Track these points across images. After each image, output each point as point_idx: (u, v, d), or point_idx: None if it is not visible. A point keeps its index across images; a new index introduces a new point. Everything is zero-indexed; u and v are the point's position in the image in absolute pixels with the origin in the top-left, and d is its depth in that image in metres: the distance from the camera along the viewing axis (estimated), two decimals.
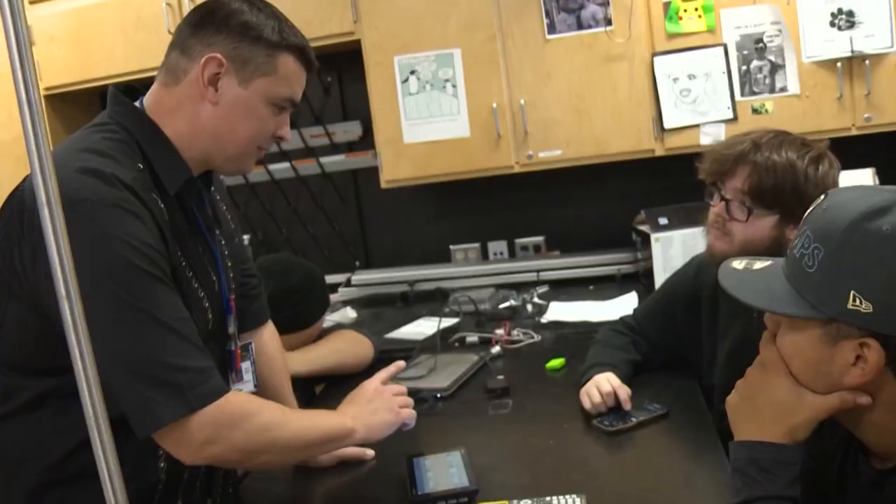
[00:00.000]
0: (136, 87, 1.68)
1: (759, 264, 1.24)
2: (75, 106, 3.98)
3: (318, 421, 1.72)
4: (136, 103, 1.62)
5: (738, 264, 1.27)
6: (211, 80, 1.57)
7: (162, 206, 1.54)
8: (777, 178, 1.96)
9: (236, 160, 1.68)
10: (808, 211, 1.18)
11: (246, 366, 1.84)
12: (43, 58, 3.80)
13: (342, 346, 2.68)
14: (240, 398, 1.57)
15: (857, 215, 1.08)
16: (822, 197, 1.17)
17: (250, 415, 1.54)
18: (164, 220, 1.53)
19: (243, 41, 1.56)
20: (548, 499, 1.65)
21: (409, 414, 1.86)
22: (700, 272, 2.35)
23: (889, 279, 1.05)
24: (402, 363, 2.01)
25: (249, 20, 1.57)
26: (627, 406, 2.11)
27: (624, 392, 2.13)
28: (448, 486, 1.74)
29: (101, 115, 1.61)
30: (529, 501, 1.66)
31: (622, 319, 2.54)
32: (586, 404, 2.13)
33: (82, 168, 1.43)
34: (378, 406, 1.81)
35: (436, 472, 1.81)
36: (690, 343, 2.36)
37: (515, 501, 1.66)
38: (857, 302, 1.07)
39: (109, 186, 1.43)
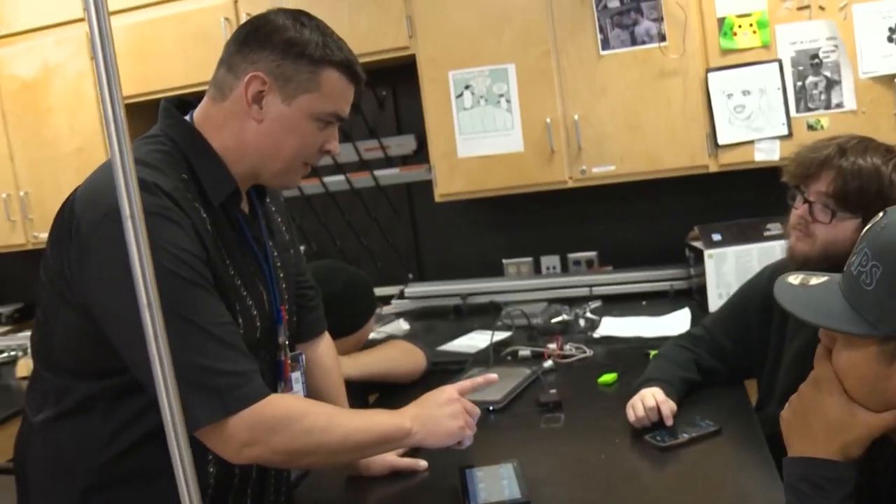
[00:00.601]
0: (188, 101, 1.72)
1: (815, 280, 1.25)
2: (135, 118, 4.01)
3: (372, 422, 1.70)
4: (187, 117, 1.66)
5: (794, 280, 1.27)
6: (255, 98, 1.60)
7: (204, 215, 1.57)
8: (862, 182, 1.99)
9: (282, 176, 1.70)
10: (866, 228, 1.18)
11: (296, 376, 1.86)
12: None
13: (394, 354, 2.72)
14: (284, 401, 1.60)
15: None
16: (881, 215, 1.17)
17: (293, 419, 1.56)
18: (206, 229, 1.56)
19: (286, 58, 1.59)
20: None
21: (470, 436, 1.81)
22: (773, 279, 2.35)
23: None
24: (494, 377, 1.99)
25: (293, 37, 1.59)
26: (669, 422, 2.12)
27: (667, 408, 2.14)
28: (500, 497, 1.75)
29: (153, 128, 1.66)
30: None
31: (689, 332, 2.55)
32: (630, 417, 2.15)
33: None
34: (446, 413, 1.77)
35: (488, 483, 1.82)
36: (759, 351, 2.37)
37: None
38: None
39: (150, 195, 1.46)
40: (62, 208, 1.57)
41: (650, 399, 2.16)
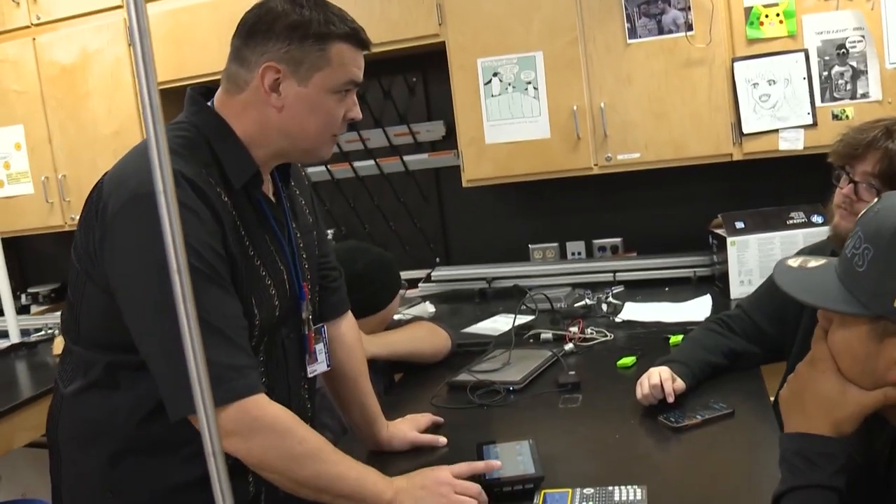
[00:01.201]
0: (215, 89, 1.75)
1: (813, 262, 1.30)
2: (170, 102, 4.08)
3: (354, 476, 1.66)
4: (210, 104, 1.71)
5: (794, 262, 1.32)
6: (272, 87, 1.64)
7: (226, 199, 1.63)
8: None
9: (313, 152, 1.76)
10: (862, 213, 1.23)
11: (319, 347, 1.93)
12: None
13: (420, 334, 2.78)
14: (273, 408, 1.60)
15: None
16: (877, 199, 1.22)
17: (275, 429, 1.58)
18: (229, 212, 1.62)
19: (293, 43, 1.62)
20: (609, 488, 1.72)
21: None
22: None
23: None
24: (497, 463, 1.84)
25: (295, 20, 1.62)
26: (671, 399, 2.18)
27: (669, 385, 2.20)
28: (515, 472, 1.81)
29: (178, 116, 1.71)
30: (592, 490, 1.73)
31: (723, 315, 2.59)
32: (637, 395, 2.22)
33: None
34: (431, 498, 1.69)
35: (504, 459, 1.88)
36: (792, 326, 2.40)
37: (578, 490, 1.74)
38: None
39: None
40: (92, 191, 1.64)
41: (655, 377, 2.22)
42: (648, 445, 2.07)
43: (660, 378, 2.21)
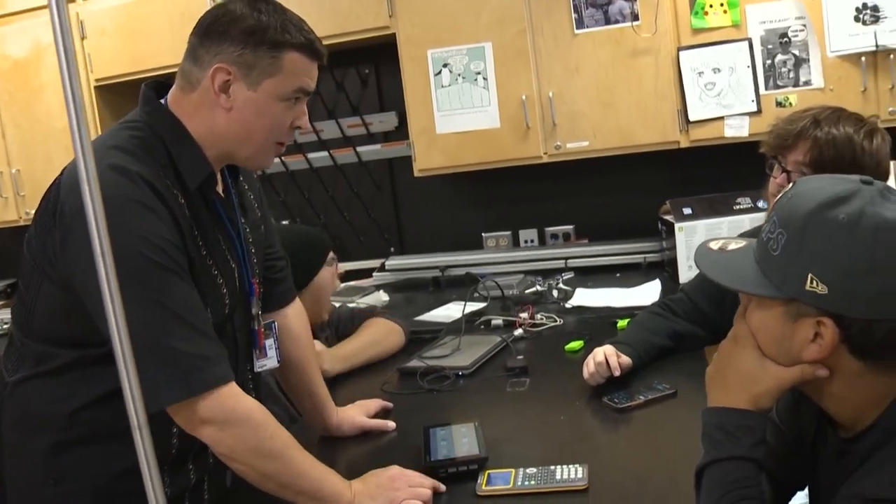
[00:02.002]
0: (169, 84, 1.76)
1: (733, 245, 1.34)
2: (124, 97, 4.13)
3: (317, 475, 1.69)
4: (163, 100, 1.72)
5: (715, 245, 1.36)
6: (222, 88, 1.65)
7: (182, 201, 1.65)
8: (837, 151, 2.08)
9: (256, 158, 1.77)
10: (777, 198, 1.27)
11: (269, 343, 1.95)
12: (94, 51, 4.00)
13: (376, 337, 2.80)
14: (248, 401, 1.64)
15: (817, 204, 1.17)
16: (791, 185, 1.27)
17: (249, 422, 1.61)
18: (184, 213, 1.64)
19: (247, 47, 1.63)
20: (552, 468, 1.76)
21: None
22: None
23: (842, 264, 1.14)
24: (441, 487, 1.78)
25: (251, 25, 1.63)
26: (617, 372, 2.24)
27: (614, 360, 2.26)
28: (459, 453, 1.85)
29: (132, 113, 1.72)
30: (534, 469, 1.77)
31: (667, 299, 2.64)
32: (584, 375, 2.27)
33: (110, 165, 1.54)
34: (385, 497, 1.71)
35: (449, 441, 1.92)
36: (732, 307, 2.44)
37: (521, 469, 1.78)
38: (815, 284, 1.16)
39: (132, 183, 1.55)
40: (49, 190, 1.64)
41: (600, 355, 2.27)
42: (592, 426, 2.11)
43: (604, 355, 2.26)
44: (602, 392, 2.22)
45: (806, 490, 1.56)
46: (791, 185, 1.27)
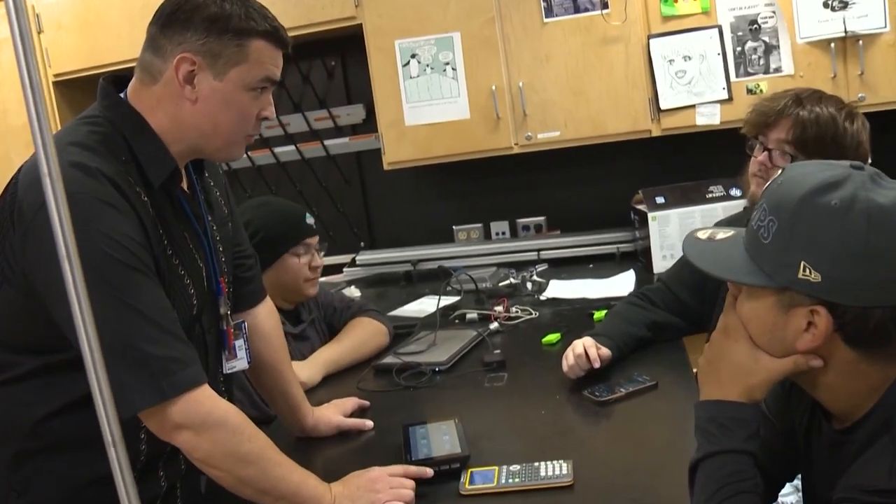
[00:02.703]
0: (127, 77, 1.69)
1: (721, 234, 1.31)
2: (83, 92, 4.04)
3: (297, 478, 1.65)
4: (123, 95, 1.65)
5: (703, 234, 1.33)
6: (186, 79, 1.59)
7: (145, 198, 1.59)
8: (820, 129, 2.11)
9: (225, 150, 1.72)
10: (766, 185, 1.24)
11: (239, 343, 1.89)
12: (52, 45, 3.90)
13: (363, 337, 2.73)
14: (223, 404, 1.60)
15: (808, 190, 1.14)
16: (780, 171, 1.23)
17: (226, 425, 1.56)
18: (148, 211, 1.58)
19: (211, 35, 1.58)
20: (536, 464, 1.73)
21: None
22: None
23: (836, 250, 1.12)
24: (428, 472, 1.77)
25: (215, 12, 1.58)
26: (597, 364, 2.21)
27: (594, 351, 2.23)
28: (440, 452, 1.81)
29: (90, 108, 1.65)
30: (518, 467, 1.73)
31: (644, 289, 2.63)
32: (564, 368, 2.24)
33: (70, 162, 1.48)
34: (366, 499, 1.68)
35: (430, 439, 1.88)
36: (711, 296, 2.44)
37: (505, 467, 1.74)
38: (807, 272, 1.13)
39: (93, 180, 1.49)
40: (6, 190, 1.58)
41: (579, 347, 2.25)
42: (574, 420, 2.08)
43: (583, 347, 2.23)
44: (582, 385, 2.19)
45: (796, 481, 1.54)
46: (780, 171, 1.24)
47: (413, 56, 3.61)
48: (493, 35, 3.54)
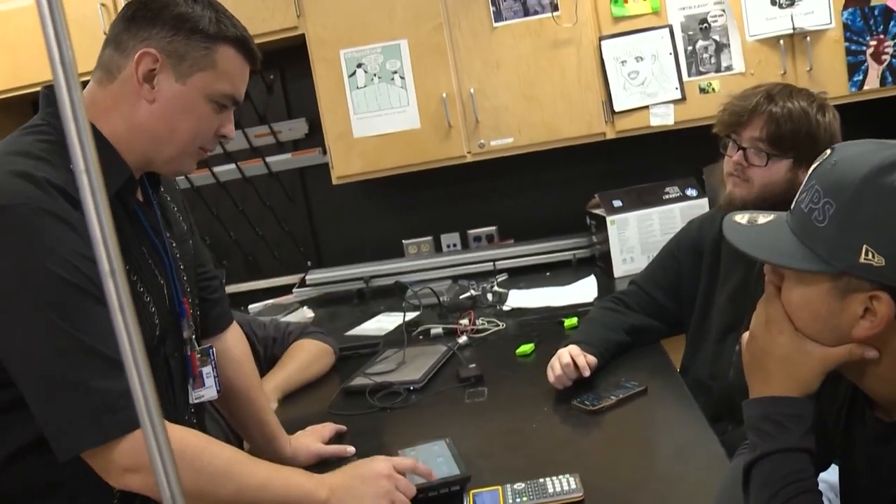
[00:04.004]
0: None
1: (762, 219, 1.24)
2: (7, 114, 3.85)
3: (280, 482, 1.54)
4: None
5: (742, 219, 1.26)
6: (146, 77, 1.49)
7: None
8: (794, 125, 2.09)
9: (176, 161, 1.60)
10: (815, 165, 1.17)
11: (207, 370, 1.75)
12: None
13: (307, 360, 2.62)
14: (178, 432, 1.46)
15: (870, 170, 1.08)
16: (829, 152, 1.17)
17: (185, 455, 1.42)
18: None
19: (179, 34, 1.49)
20: (541, 480, 1.64)
21: None
22: (702, 228, 2.46)
23: None
24: (434, 475, 1.69)
25: (185, 12, 1.50)
26: (586, 372, 2.16)
27: (582, 360, 2.17)
28: (439, 475, 1.70)
29: (34, 118, 1.53)
30: (523, 485, 1.64)
31: (618, 293, 2.58)
32: (550, 378, 2.17)
33: (12, 171, 1.37)
34: (371, 491, 1.58)
35: (423, 461, 1.76)
36: (688, 296, 2.43)
37: (509, 486, 1.64)
38: (870, 256, 1.07)
39: (41, 191, 1.36)
40: None
41: (565, 356, 2.18)
42: (568, 432, 2.00)
43: (570, 356, 2.16)
44: (567, 395, 2.13)
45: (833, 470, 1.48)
46: (829, 151, 1.17)
47: (359, 66, 3.50)
48: (442, 41, 3.46)
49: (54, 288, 1.34)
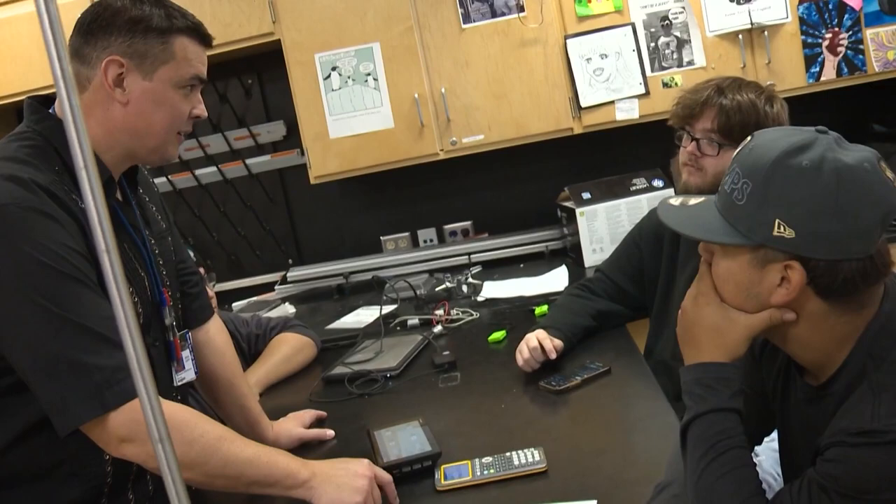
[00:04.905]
0: (53, 98, 1.69)
1: (693, 201, 1.37)
2: None
3: (265, 459, 1.63)
4: (51, 111, 1.65)
5: (675, 202, 1.39)
6: (116, 82, 1.60)
7: (82, 205, 1.56)
8: (743, 116, 2.19)
9: (159, 150, 1.71)
10: (737, 151, 1.30)
11: (186, 354, 1.87)
12: None
13: (288, 353, 2.73)
14: (171, 407, 1.56)
15: (780, 153, 1.21)
16: (749, 138, 1.29)
17: (174, 426, 1.50)
18: (85, 220, 1.56)
19: (135, 36, 1.60)
20: (508, 454, 1.76)
21: None
22: None
23: (808, 207, 1.18)
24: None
25: (136, 15, 1.61)
26: (553, 355, 2.27)
27: (549, 343, 2.29)
28: (412, 452, 1.82)
29: (19, 126, 1.64)
30: (490, 458, 1.76)
31: (584, 280, 2.70)
32: (519, 362, 2.29)
33: (1, 175, 1.47)
34: (350, 485, 1.64)
35: (398, 441, 1.88)
36: (651, 281, 2.53)
37: (477, 460, 1.76)
38: (782, 229, 1.20)
39: (27, 191, 1.47)
40: None
41: (533, 340, 2.30)
42: (535, 411, 2.11)
43: (537, 340, 2.27)
44: (536, 378, 2.24)
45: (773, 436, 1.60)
46: (750, 137, 1.29)
47: (334, 68, 3.61)
48: (413, 43, 3.57)
49: (46, 277, 1.45)
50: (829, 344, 1.27)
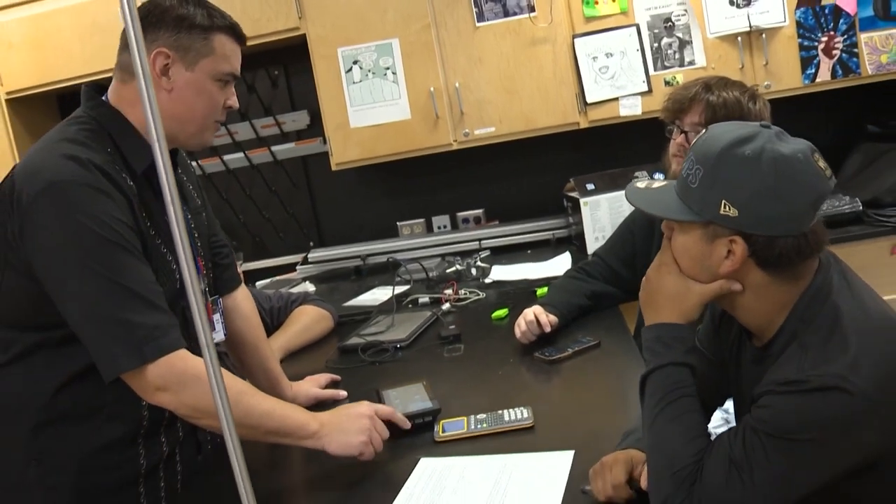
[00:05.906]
0: (105, 86, 1.92)
1: (657, 184, 1.58)
2: (35, 108, 4.19)
3: (280, 412, 1.81)
4: (103, 97, 1.88)
5: (641, 185, 1.59)
6: (162, 71, 1.82)
7: (131, 183, 1.79)
8: (727, 111, 2.34)
9: (198, 135, 1.92)
10: (693, 141, 1.51)
11: (217, 317, 2.12)
12: (3, 63, 4.01)
13: (308, 323, 2.96)
14: (197, 360, 1.71)
15: (727, 143, 1.41)
16: (704, 130, 1.50)
17: (201, 378, 1.66)
18: (134, 194, 1.79)
19: (181, 32, 1.81)
20: (499, 412, 1.98)
21: (371, 452, 1.83)
22: None
23: (749, 191, 1.38)
24: (408, 423, 1.98)
25: (182, 13, 1.82)
26: (547, 328, 2.48)
27: (544, 318, 2.49)
28: (414, 408, 2.03)
29: (76, 111, 1.87)
30: (484, 415, 1.98)
31: (581, 264, 2.90)
32: (517, 334, 2.50)
33: (61, 154, 1.70)
34: (354, 427, 1.83)
35: (402, 399, 2.10)
36: (643, 265, 2.69)
37: (472, 416, 1.98)
38: (727, 209, 1.40)
39: (84, 169, 1.69)
40: (3, 182, 1.77)
41: (530, 314, 2.51)
42: (528, 378, 2.33)
43: (534, 314, 2.48)
44: (533, 349, 2.44)
45: (726, 413, 1.81)
46: (705, 130, 1.50)
47: (355, 62, 3.83)
48: (430, 40, 3.79)
49: (99, 246, 1.67)
50: (770, 310, 1.47)
